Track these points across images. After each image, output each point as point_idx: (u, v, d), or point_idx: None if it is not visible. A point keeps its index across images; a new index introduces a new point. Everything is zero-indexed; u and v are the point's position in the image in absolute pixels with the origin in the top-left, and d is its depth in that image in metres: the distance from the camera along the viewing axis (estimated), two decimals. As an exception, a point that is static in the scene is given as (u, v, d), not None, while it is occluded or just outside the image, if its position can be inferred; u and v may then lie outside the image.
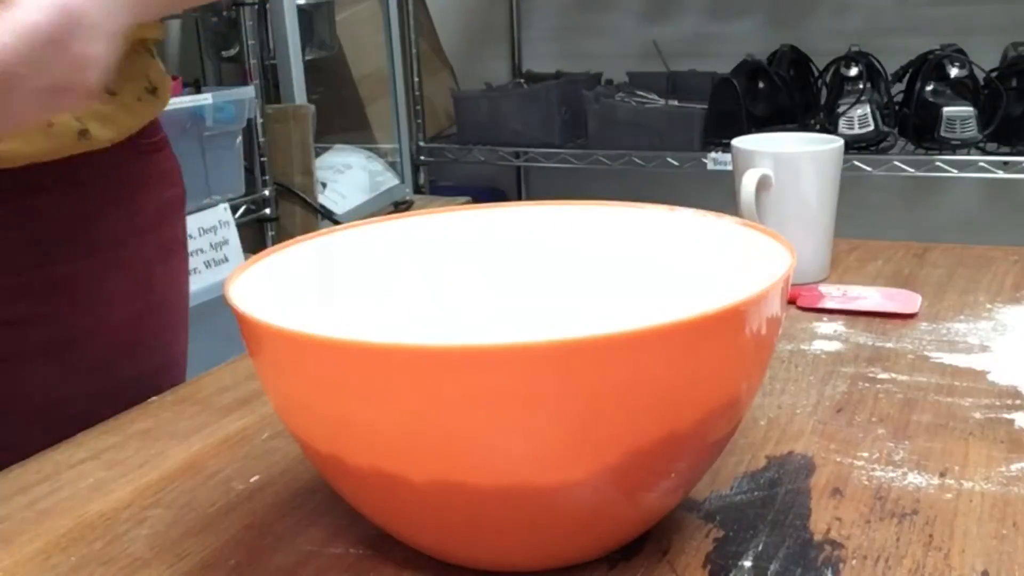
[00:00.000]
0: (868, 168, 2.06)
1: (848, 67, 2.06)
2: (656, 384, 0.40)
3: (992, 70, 2.03)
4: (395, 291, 0.60)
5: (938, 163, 2.02)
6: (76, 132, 0.69)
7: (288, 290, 0.54)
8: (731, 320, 0.42)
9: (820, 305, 0.79)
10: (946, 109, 1.97)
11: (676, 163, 2.22)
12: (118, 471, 0.59)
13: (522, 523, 0.43)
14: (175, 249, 0.83)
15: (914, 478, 0.54)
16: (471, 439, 0.40)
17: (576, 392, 0.39)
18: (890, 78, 2.08)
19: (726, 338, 0.42)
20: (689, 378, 0.41)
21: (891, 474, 0.54)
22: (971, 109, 1.96)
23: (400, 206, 2.25)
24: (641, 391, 0.40)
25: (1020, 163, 1.98)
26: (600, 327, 0.39)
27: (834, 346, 0.72)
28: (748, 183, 0.81)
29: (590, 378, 0.39)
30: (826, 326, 0.76)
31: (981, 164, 2.00)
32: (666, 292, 0.57)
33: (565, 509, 0.43)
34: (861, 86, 2.03)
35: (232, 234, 1.81)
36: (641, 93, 2.30)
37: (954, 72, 2.01)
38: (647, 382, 0.40)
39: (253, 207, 2.00)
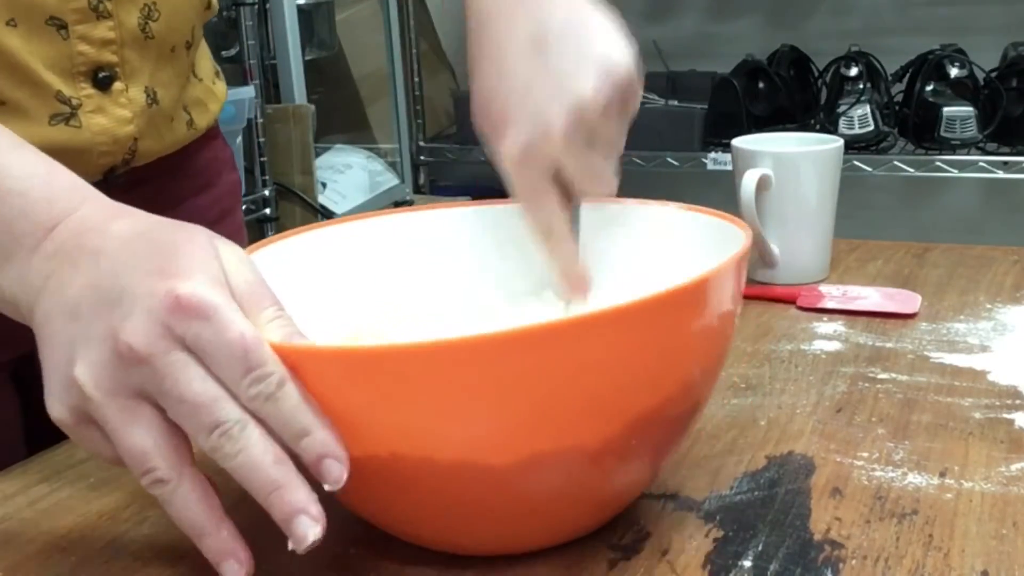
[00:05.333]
0: (868, 168, 2.06)
1: (848, 67, 2.06)
2: (608, 366, 0.42)
3: (992, 70, 2.03)
4: (387, 287, 0.60)
5: (938, 163, 2.02)
6: (186, 123, 0.73)
7: (284, 287, 0.54)
8: (679, 302, 0.43)
9: (820, 305, 0.79)
10: (946, 109, 1.97)
11: (676, 163, 2.22)
12: (118, 471, 0.59)
13: (509, 501, 0.45)
14: (242, 232, 0.87)
15: (914, 478, 0.54)
16: (443, 424, 0.42)
17: (534, 377, 0.41)
18: (890, 78, 2.08)
19: (672, 320, 0.44)
20: (641, 361, 0.43)
21: (891, 474, 0.54)
22: (971, 109, 1.96)
23: (400, 206, 2.25)
24: (595, 374, 0.42)
25: (1020, 163, 1.98)
26: (548, 317, 0.42)
27: (834, 346, 0.72)
28: (748, 183, 0.81)
29: (545, 363, 0.41)
30: (826, 326, 0.76)
31: (981, 164, 2.00)
32: (637, 283, 0.58)
33: (534, 487, 0.45)
34: (861, 86, 2.03)
35: (232, 234, 1.80)
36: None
37: (954, 72, 2.01)
38: (599, 365, 0.42)
39: (253, 207, 2.00)
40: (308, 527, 0.41)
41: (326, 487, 0.42)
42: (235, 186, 0.85)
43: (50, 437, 0.63)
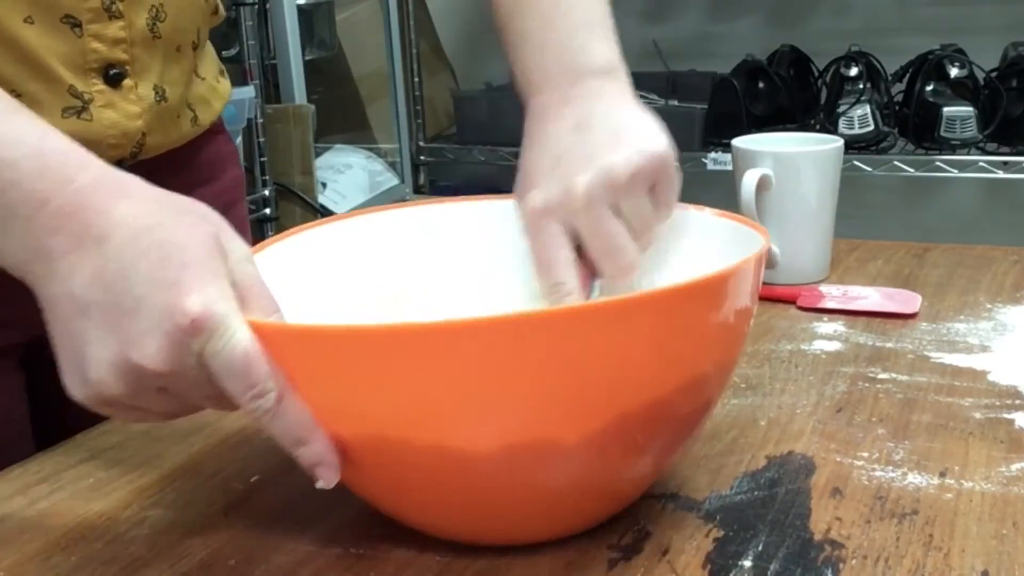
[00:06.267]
0: (868, 168, 2.05)
1: (848, 67, 2.05)
2: (625, 356, 0.43)
3: (992, 70, 2.02)
4: (394, 281, 0.61)
5: (938, 163, 2.02)
6: (190, 120, 0.74)
7: (290, 285, 0.54)
8: (696, 295, 0.44)
9: (820, 305, 0.80)
10: (946, 109, 1.96)
11: (676, 163, 2.21)
12: (118, 471, 0.59)
13: (514, 490, 0.46)
14: (245, 226, 0.87)
15: (914, 478, 0.54)
16: (464, 408, 0.43)
17: (550, 362, 0.42)
18: (890, 78, 2.08)
19: (691, 314, 0.44)
20: (657, 350, 0.44)
21: (891, 474, 0.54)
22: (971, 109, 1.95)
23: (400, 206, 2.25)
24: (614, 362, 0.43)
25: (1020, 163, 1.97)
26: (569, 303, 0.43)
27: (834, 346, 0.72)
28: (748, 183, 0.81)
29: (562, 349, 0.42)
30: (826, 326, 0.76)
31: (981, 164, 2.00)
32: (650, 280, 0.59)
33: (554, 476, 0.45)
34: (861, 86, 2.02)
35: (232, 234, 1.80)
36: (641, 93, 2.28)
37: (954, 72, 2.01)
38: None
39: (253, 207, 1.99)
40: (327, 473, 0.46)
41: (318, 485, 0.46)
42: (238, 181, 0.86)
43: (57, 423, 0.66)
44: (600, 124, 0.56)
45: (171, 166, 0.74)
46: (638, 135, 0.56)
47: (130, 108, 0.67)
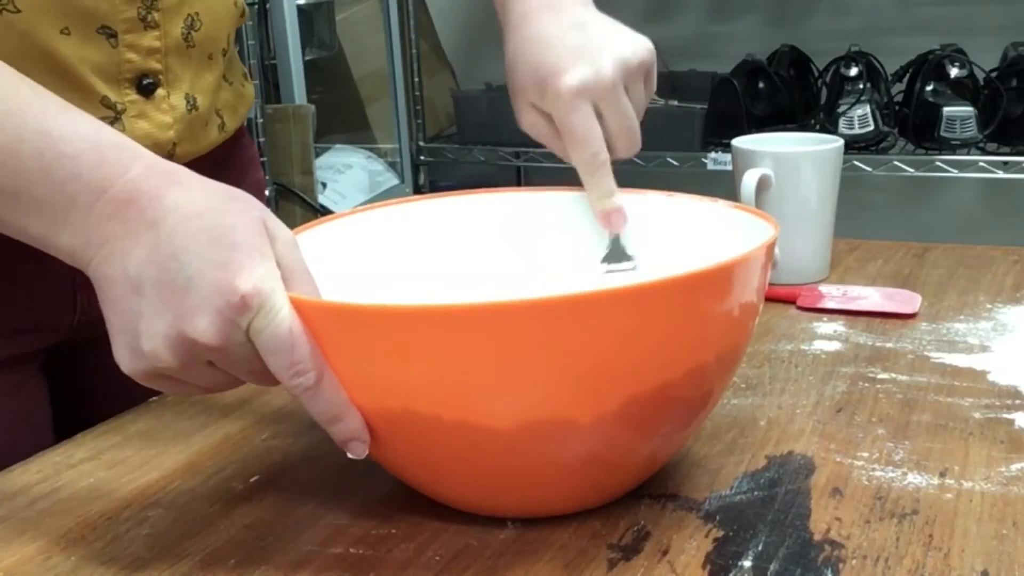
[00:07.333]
0: (868, 168, 2.05)
1: (848, 67, 2.05)
2: (637, 340, 0.45)
3: (992, 70, 2.02)
4: (402, 272, 0.63)
5: (938, 163, 2.02)
6: (218, 127, 0.74)
7: (325, 271, 0.56)
8: (706, 284, 0.46)
9: (820, 305, 0.80)
10: (946, 109, 1.96)
11: (676, 163, 2.21)
12: (118, 471, 0.59)
13: (534, 464, 0.48)
14: None
15: (914, 478, 0.54)
16: (488, 387, 0.45)
17: (568, 343, 0.44)
18: (890, 78, 2.08)
19: (700, 302, 0.46)
20: (667, 336, 0.46)
21: (891, 474, 0.54)
22: (971, 109, 1.95)
23: (400, 206, 2.25)
24: (627, 345, 0.45)
25: (1020, 163, 1.97)
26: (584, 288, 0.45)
27: (834, 346, 0.72)
28: (748, 183, 0.81)
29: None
30: (826, 326, 0.76)
31: (981, 164, 2.00)
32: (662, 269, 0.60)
33: (570, 451, 0.47)
34: (861, 86, 2.02)
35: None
36: (641, 93, 2.29)
37: (954, 72, 2.01)
38: (631, 337, 0.45)
39: (253, 207, 1.99)
40: (358, 448, 0.49)
41: (350, 456, 0.49)
42: (260, 184, 0.86)
43: (78, 427, 0.66)
44: (594, 26, 0.65)
45: (196, 171, 0.75)
46: (629, 34, 0.66)
47: (162, 118, 0.67)
